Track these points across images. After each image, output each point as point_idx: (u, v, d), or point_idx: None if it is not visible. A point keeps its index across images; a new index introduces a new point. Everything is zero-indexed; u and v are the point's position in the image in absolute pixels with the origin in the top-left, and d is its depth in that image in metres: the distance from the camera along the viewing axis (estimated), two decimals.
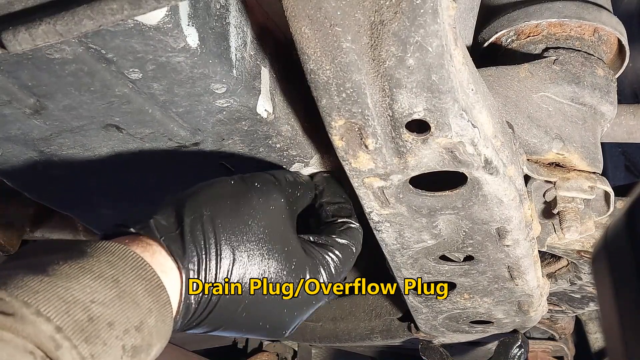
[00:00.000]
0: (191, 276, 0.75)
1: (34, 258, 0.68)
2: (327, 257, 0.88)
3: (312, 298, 0.86)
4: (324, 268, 0.87)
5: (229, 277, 0.78)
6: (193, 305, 0.76)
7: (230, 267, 0.78)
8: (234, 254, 0.78)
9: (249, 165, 0.95)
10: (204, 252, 0.76)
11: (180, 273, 0.75)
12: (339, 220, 0.93)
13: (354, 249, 0.91)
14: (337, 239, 0.90)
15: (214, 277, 0.77)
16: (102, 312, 0.64)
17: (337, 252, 0.89)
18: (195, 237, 0.77)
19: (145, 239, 0.76)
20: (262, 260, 0.80)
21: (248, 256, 0.79)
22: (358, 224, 0.94)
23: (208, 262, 0.76)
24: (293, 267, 0.83)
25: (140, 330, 0.67)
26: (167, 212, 0.79)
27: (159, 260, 0.74)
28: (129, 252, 0.71)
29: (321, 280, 0.86)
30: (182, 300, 0.75)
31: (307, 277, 0.84)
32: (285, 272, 0.82)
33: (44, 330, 0.60)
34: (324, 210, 0.96)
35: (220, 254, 0.77)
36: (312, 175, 0.99)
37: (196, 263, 0.76)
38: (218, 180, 0.85)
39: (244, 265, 0.79)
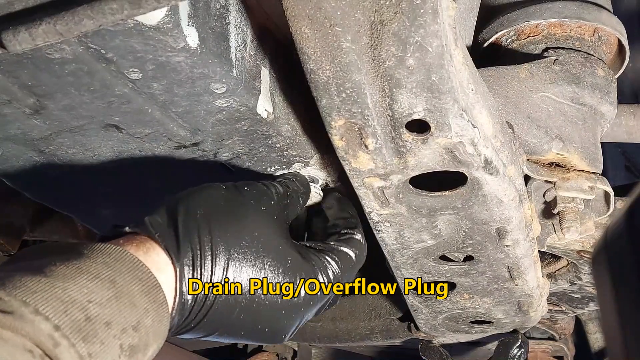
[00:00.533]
0: (186, 272, 0.75)
1: (31, 260, 0.69)
2: (323, 260, 0.87)
3: (310, 300, 0.86)
4: (321, 271, 0.87)
5: (225, 274, 0.78)
6: (189, 302, 0.76)
7: (226, 264, 0.78)
8: (229, 251, 0.78)
9: (248, 165, 0.95)
10: (198, 248, 0.77)
11: (175, 268, 0.75)
12: (342, 231, 0.94)
13: (353, 256, 0.91)
14: (335, 245, 0.90)
15: (210, 273, 0.77)
16: (99, 312, 0.65)
17: (334, 257, 0.89)
18: (189, 233, 0.77)
19: (139, 236, 0.76)
20: (257, 257, 0.81)
21: (242, 253, 0.80)
22: (361, 236, 0.94)
23: (203, 258, 0.77)
24: (288, 265, 0.83)
25: (137, 329, 0.68)
26: (161, 212, 0.79)
27: (152, 257, 0.74)
28: (125, 253, 0.72)
29: (321, 281, 0.86)
30: (178, 296, 0.75)
31: (305, 277, 0.84)
32: (280, 271, 0.82)
33: (43, 329, 0.60)
34: (330, 223, 0.97)
35: (215, 250, 0.78)
36: (324, 193, 1.00)
37: (191, 258, 0.76)
38: (210, 184, 0.85)
39: (239, 262, 0.79)
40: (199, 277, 0.76)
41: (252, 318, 0.82)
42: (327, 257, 0.88)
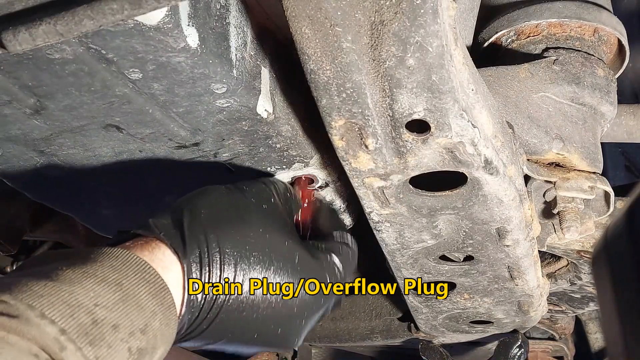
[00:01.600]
0: (193, 269, 0.75)
1: (37, 266, 0.69)
2: (330, 256, 0.88)
3: (320, 297, 0.86)
4: (328, 268, 0.87)
5: (235, 272, 0.77)
6: (199, 299, 0.76)
7: (235, 261, 0.77)
8: (236, 249, 0.78)
9: (249, 165, 0.95)
10: (205, 245, 0.76)
11: (182, 266, 0.74)
12: (334, 232, 0.95)
13: (355, 250, 0.92)
14: (337, 242, 0.91)
15: (219, 270, 0.76)
16: (106, 315, 0.64)
17: (339, 252, 0.89)
18: (195, 232, 0.77)
19: (144, 237, 0.76)
20: (263, 257, 0.80)
21: (250, 252, 0.79)
22: (351, 238, 0.95)
23: (211, 255, 0.76)
24: (296, 263, 0.83)
25: (145, 332, 0.67)
26: (165, 214, 0.79)
27: (158, 256, 0.74)
28: (132, 256, 0.71)
29: (327, 281, 0.86)
30: (186, 293, 0.75)
31: (310, 275, 0.84)
32: (289, 270, 0.82)
33: (49, 333, 0.60)
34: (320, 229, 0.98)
35: (224, 248, 0.77)
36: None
37: (198, 255, 0.76)
38: (212, 186, 0.85)
39: (247, 262, 0.79)
40: (207, 274, 0.76)
41: (265, 319, 0.81)
42: (332, 253, 0.89)
